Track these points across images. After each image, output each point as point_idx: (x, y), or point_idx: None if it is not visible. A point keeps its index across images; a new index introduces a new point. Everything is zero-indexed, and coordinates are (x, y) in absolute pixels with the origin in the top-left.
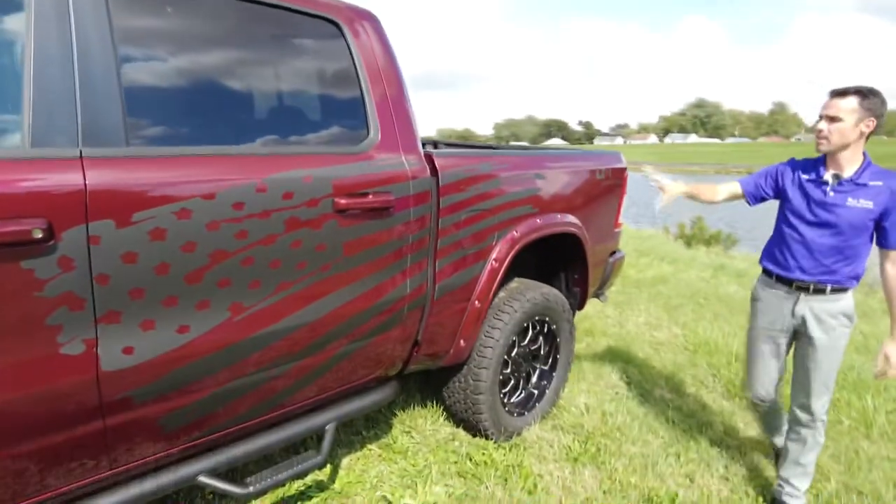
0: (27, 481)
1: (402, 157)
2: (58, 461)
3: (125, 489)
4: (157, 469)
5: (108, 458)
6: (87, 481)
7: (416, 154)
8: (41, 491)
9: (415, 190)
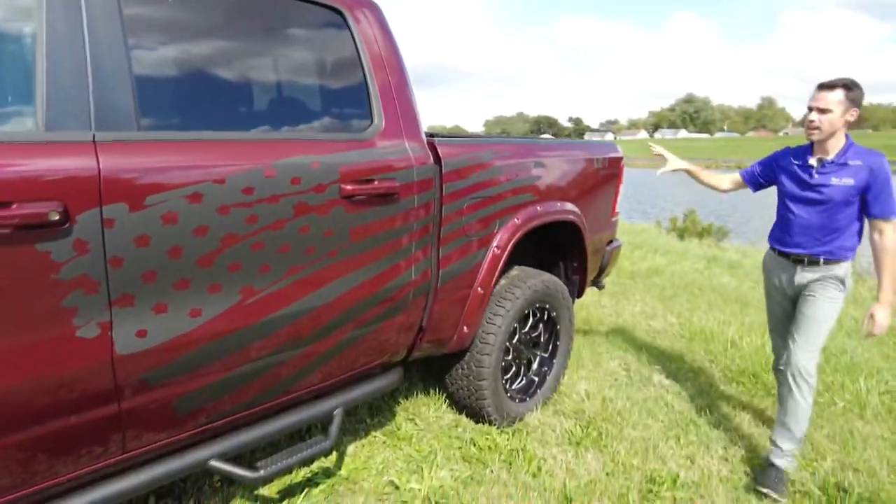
0: (42, 465)
1: (406, 145)
2: (73, 445)
3: (136, 474)
4: (168, 454)
5: (122, 442)
6: (101, 465)
7: (420, 142)
8: (54, 475)
9: (419, 177)
